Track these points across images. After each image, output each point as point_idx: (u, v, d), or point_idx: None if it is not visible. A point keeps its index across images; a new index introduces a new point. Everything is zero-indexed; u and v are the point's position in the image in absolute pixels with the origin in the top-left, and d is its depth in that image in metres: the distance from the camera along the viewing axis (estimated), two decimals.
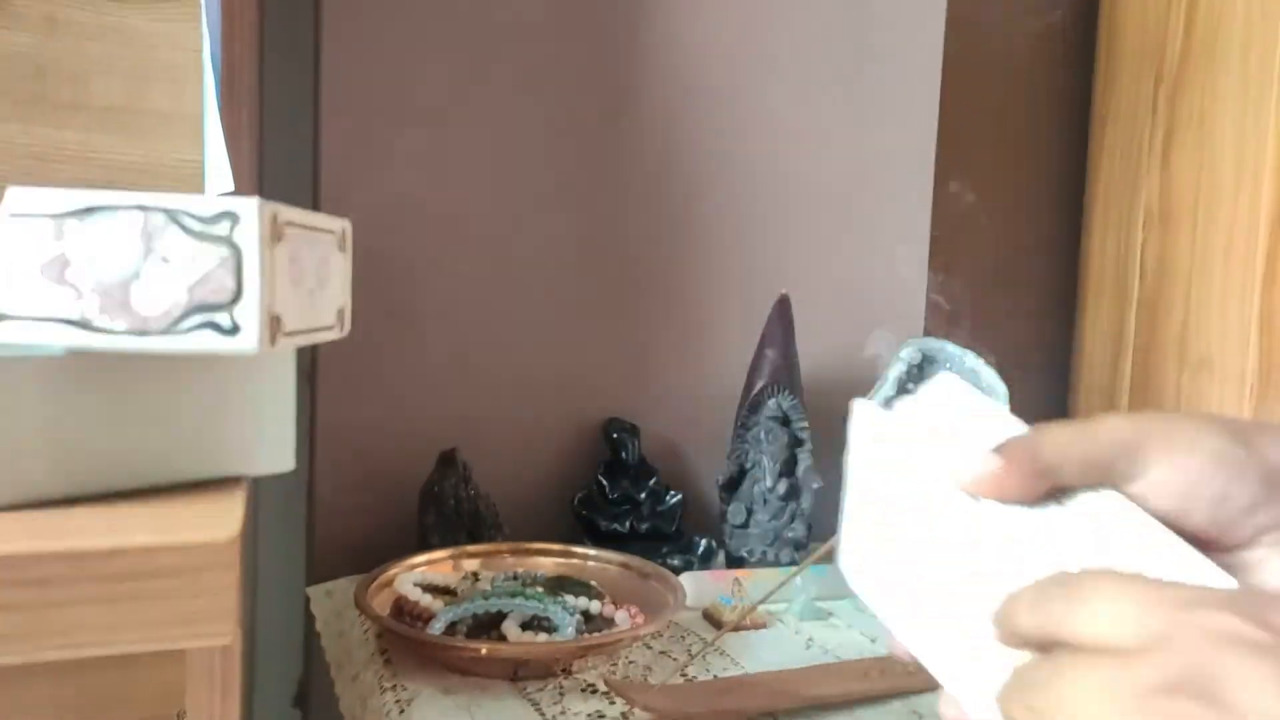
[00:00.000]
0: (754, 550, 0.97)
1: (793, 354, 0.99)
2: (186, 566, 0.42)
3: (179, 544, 0.42)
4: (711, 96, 1.06)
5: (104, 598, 0.41)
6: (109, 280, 0.45)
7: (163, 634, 0.42)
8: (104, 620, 0.41)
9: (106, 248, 0.45)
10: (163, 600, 0.41)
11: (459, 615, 0.75)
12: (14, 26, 0.80)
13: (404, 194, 0.96)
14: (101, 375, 0.48)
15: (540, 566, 0.87)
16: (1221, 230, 1.14)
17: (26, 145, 0.81)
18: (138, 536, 0.42)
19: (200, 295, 0.44)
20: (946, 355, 1.04)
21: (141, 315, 0.45)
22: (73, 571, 0.40)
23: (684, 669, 0.74)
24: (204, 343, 0.44)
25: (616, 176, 1.04)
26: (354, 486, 0.96)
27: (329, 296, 0.55)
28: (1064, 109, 1.35)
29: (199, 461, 0.51)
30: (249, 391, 0.53)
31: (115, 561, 0.41)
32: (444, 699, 0.68)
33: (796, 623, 0.86)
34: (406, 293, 0.97)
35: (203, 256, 0.44)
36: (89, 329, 0.45)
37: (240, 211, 0.44)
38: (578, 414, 1.04)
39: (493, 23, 0.98)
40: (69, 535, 0.42)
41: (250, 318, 0.44)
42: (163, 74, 0.84)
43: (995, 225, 1.33)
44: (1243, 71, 1.12)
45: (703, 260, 1.07)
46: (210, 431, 0.52)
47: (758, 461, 0.98)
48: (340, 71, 0.93)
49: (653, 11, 1.03)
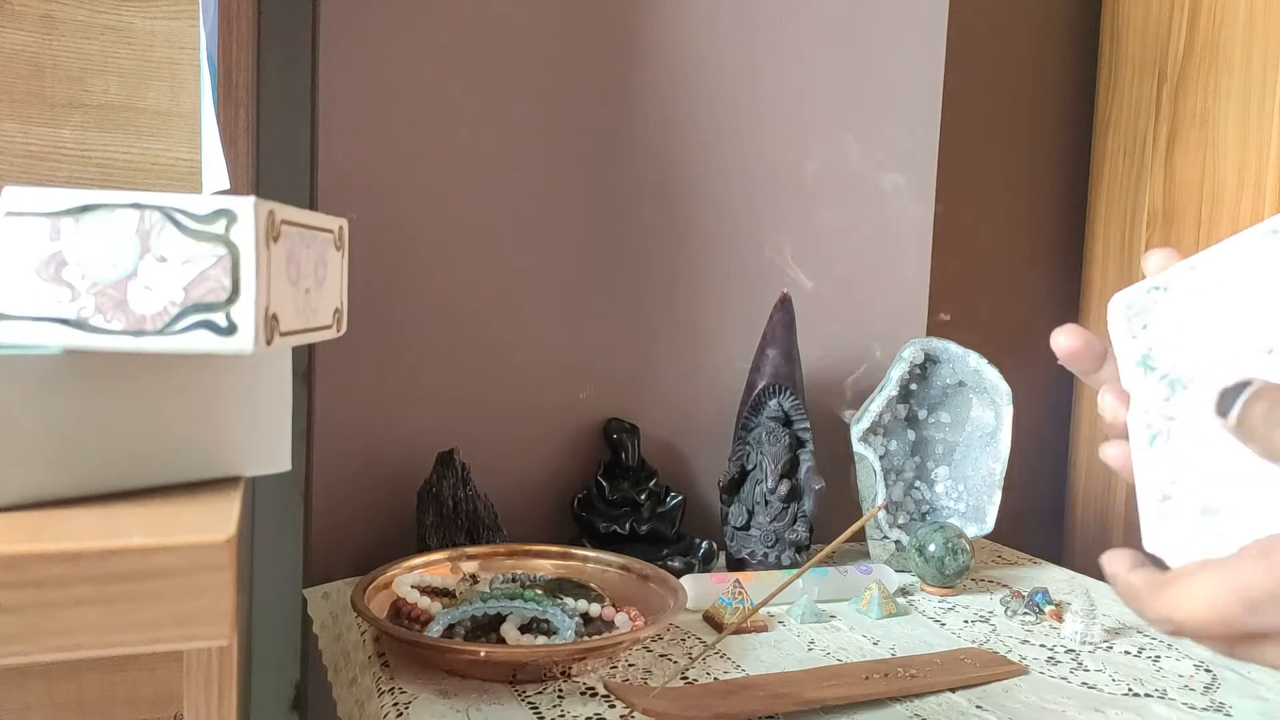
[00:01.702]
0: (755, 552, 0.96)
1: (794, 354, 0.99)
2: (183, 567, 0.41)
3: (175, 545, 0.41)
4: (712, 95, 1.06)
5: (100, 599, 0.40)
6: (105, 279, 0.44)
7: (159, 635, 0.41)
8: (100, 621, 0.40)
9: (103, 247, 0.44)
10: (159, 601, 0.41)
11: (457, 617, 0.74)
12: (11, 25, 0.80)
13: (401, 193, 0.96)
14: (97, 375, 0.47)
15: (539, 568, 0.87)
16: (1224, 229, 1.14)
17: (24, 144, 0.81)
18: (134, 537, 0.41)
19: (196, 294, 0.44)
20: (949, 355, 1.03)
21: (138, 314, 0.44)
22: (69, 572, 0.40)
23: (684, 672, 0.74)
24: (200, 342, 0.44)
25: (617, 176, 1.03)
26: (351, 487, 0.96)
27: (326, 296, 0.55)
28: (1067, 109, 1.35)
29: (195, 462, 0.51)
30: (245, 391, 0.53)
31: (111, 562, 0.40)
32: (442, 702, 0.68)
33: (798, 625, 0.85)
34: (404, 292, 0.96)
35: (199, 255, 0.44)
36: (85, 328, 0.45)
37: (237, 210, 0.44)
38: (578, 414, 1.04)
39: (491, 22, 0.97)
40: (65, 536, 0.41)
41: (247, 317, 0.44)
42: (160, 73, 0.84)
43: (998, 225, 1.33)
44: (1245, 71, 1.12)
45: (702, 260, 1.07)
46: (207, 431, 0.51)
47: (759, 463, 0.97)
48: (337, 70, 0.93)
49: (653, 11, 1.03)
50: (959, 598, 0.94)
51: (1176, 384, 0.39)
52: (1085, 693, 0.73)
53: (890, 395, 1.02)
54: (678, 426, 1.08)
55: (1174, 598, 0.36)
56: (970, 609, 0.91)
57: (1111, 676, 0.77)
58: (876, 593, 0.88)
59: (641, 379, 1.06)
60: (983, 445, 1.04)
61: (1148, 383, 0.40)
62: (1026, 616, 0.89)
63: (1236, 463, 0.35)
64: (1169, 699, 0.72)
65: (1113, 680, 0.76)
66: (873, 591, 0.88)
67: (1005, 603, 0.90)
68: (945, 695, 0.72)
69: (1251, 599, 0.33)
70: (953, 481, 1.06)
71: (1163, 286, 0.41)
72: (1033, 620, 0.88)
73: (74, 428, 0.47)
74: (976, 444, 1.04)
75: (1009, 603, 0.90)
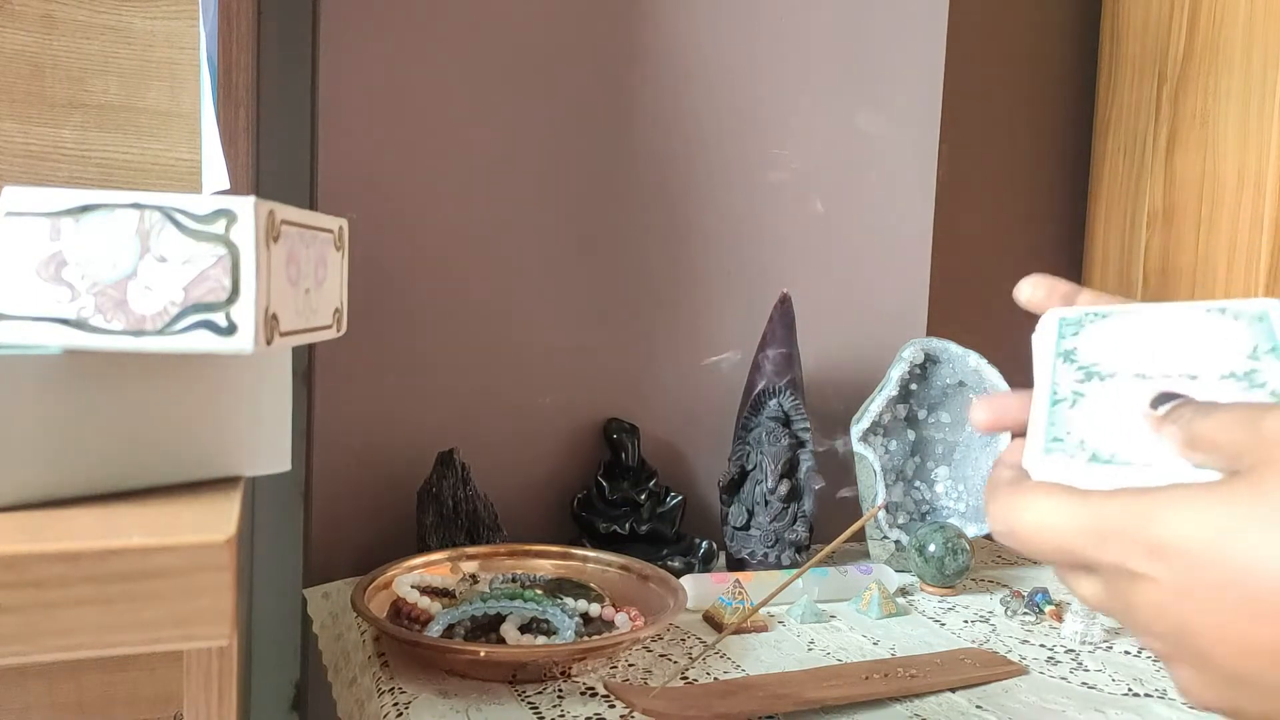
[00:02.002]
0: (755, 552, 0.96)
1: (794, 354, 0.99)
2: (183, 567, 0.41)
3: (176, 545, 0.41)
4: (712, 95, 1.06)
5: (100, 599, 0.40)
6: (105, 279, 0.44)
7: (159, 635, 0.41)
8: (100, 621, 0.40)
9: (103, 247, 0.44)
10: (159, 601, 0.41)
11: (457, 617, 0.74)
12: (12, 25, 0.80)
13: (401, 193, 0.96)
14: (97, 375, 0.47)
15: (539, 568, 0.87)
16: (1225, 230, 1.14)
17: (24, 144, 0.81)
18: (134, 537, 0.41)
19: (196, 294, 0.44)
20: (949, 355, 1.03)
21: (138, 314, 0.44)
22: (69, 572, 0.40)
23: (684, 672, 0.74)
24: (200, 342, 0.44)
25: (616, 176, 1.03)
26: (351, 487, 0.96)
27: (326, 295, 0.55)
28: (1067, 109, 1.35)
29: (195, 461, 0.51)
30: (245, 391, 0.53)
31: (111, 562, 0.40)
32: (442, 702, 0.68)
33: (798, 625, 0.85)
34: (404, 292, 0.96)
35: (199, 255, 0.44)
36: (85, 328, 0.45)
37: (237, 210, 0.44)
38: (578, 414, 1.04)
39: (491, 22, 0.97)
40: (65, 536, 0.41)
41: (247, 317, 0.44)
42: (160, 73, 0.84)
43: (998, 225, 1.33)
44: (1245, 71, 1.12)
45: (702, 260, 1.07)
46: (206, 431, 0.51)
47: (759, 462, 0.97)
48: (337, 70, 0.93)
49: (653, 11, 1.03)
50: (959, 598, 0.94)
51: (1094, 374, 0.40)
52: (1085, 693, 0.73)
53: (890, 395, 1.02)
54: (678, 426, 1.08)
55: (1022, 504, 0.35)
56: (970, 609, 0.91)
57: (1111, 676, 0.76)
58: (876, 593, 0.88)
59: (641, 379, 1.06)
60: (983, 445, 1.04)
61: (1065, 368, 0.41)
62: (1026, 616, 0.89)
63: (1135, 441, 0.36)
64: (1169, 699, 0.72)
65: (1113, 680, 0.76)
66: (873, 591, 0.88)
67: (1005, 603, 0.90)
68: (945, 695, 0.72)
69: (1099, 529, 0.33)
70: (953, 481, 1.06)
71: (1100, 314, 0.43)
72: (1033, 620, 0.88)
73: (74, 428, 0.47)
74: (976, 444, 1.04)
75: (1009, 603, 0.90)
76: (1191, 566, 0.31)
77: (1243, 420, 0.33)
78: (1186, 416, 0.34)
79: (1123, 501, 0.33)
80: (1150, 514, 0.32)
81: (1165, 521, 0.31)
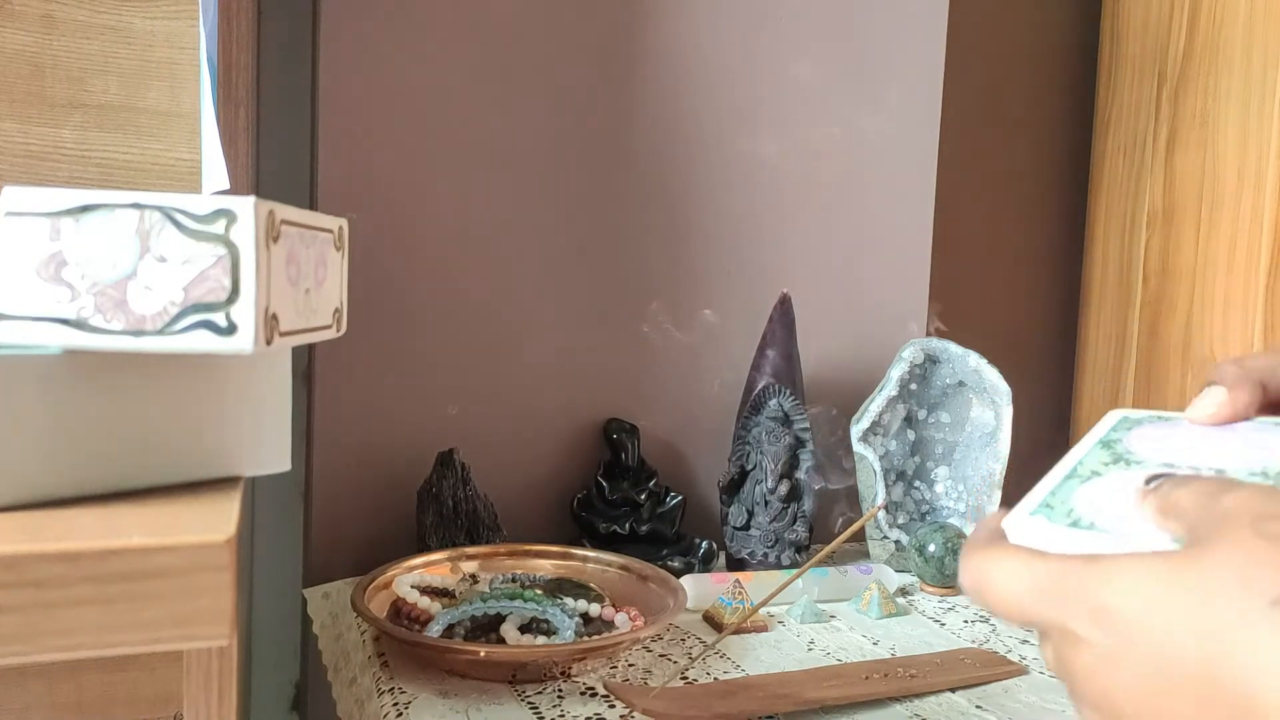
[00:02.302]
0: (755, 552, 0.96)
1: (794, 354, 0.99)
2: (183, 567, 0.41)
3: (175, 545, 0.41)
4: (712, 95, 1.06)
5: (100, 599, 0.40)
6: (105, 279, 0.44)
7: (159, 635, 0.41)
8: (100, 621, 0.40)
9: (102, 247, 0.44)
10: (159, 601, 0.41)
11: (457, 617, 0.74)
12: (11, 25, 0.80)
13: (401, 193, 0.96)
14: (97, 375, 0.47)
15: (539, 568, 0.87)
16: (1225, 230, 1.14)
17: (23, 144, 0.81)
18: (134, 537, 0.41)
19: (196, 294, 0.44)
20: (949, 355, 1.03)
21: (138, 314, 0.44)
22: (69, 572, 0.40)
23: (684, 672, 0.74)
24: (200, 342, 0.44)
25: (616, 176, 1.03)
26: (351, 487, 0.96)
27: (326, 295, 0.55)
28: (1067, 109, 1.35)
29: (195, 461, 0.51)
30: (245, 391, 0.53)
31: (111, 562, 0.40)
32: (442, 702, 0.68)
33: (798, 625, 0.85)
34: (404, 292, 0.96)
35: (199, 255, 0.44)
36: (85, 328, 0.45)
37: (237, 210, 0.44)
38: (578, 414, 1.04)
39: (491, 22, 0.97)
40: (65, 536, 0.41)
41: (246, 317, 0.44)
42: (160, 73, 0.84)
43: (998, 225, 1.33)
44: (1245, 71, 1.12)
45: (702, 260, 1.07)
46: (206, 431, 0.51)
47: (759, 462, 0.97)
48: (338, 70, 0.93)
49: (654, 11, 1.03)
50: (959, 598, 0.94)
51: (1123, 459, 0.40)
52: None
53: (890, 395, 1.02)
54: (678, 426, 1.07)
55: (991, 563, 0.35)
56: (970, 609, 0.91)
57: None
58: (876, 593, 0.88)
59: (641, 379, 1.06)
60: (982, 445, 1.04)
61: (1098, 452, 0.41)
62: None
63: (1120, 512, 0.36)
64: None
65: None
66: (873, 591, 0.88)
67: None
68: (945, 695, 0.72)
69: (1053, 591, 0.33)
70: (953, 481, 1.06)
71: (1166, 418, 0.43)
72: None
73: (74, 428, 0.47)
74: (976, 444, 1.04)
75: None
76: (1122, 634, 0.31)
77: (1207, 492, 0.33)
78: (1166, 487, 0.35)
79: (1078, 564, 0.33)
80: (1100, 578, 0.32)
81: (1112, 587, 0.31)
